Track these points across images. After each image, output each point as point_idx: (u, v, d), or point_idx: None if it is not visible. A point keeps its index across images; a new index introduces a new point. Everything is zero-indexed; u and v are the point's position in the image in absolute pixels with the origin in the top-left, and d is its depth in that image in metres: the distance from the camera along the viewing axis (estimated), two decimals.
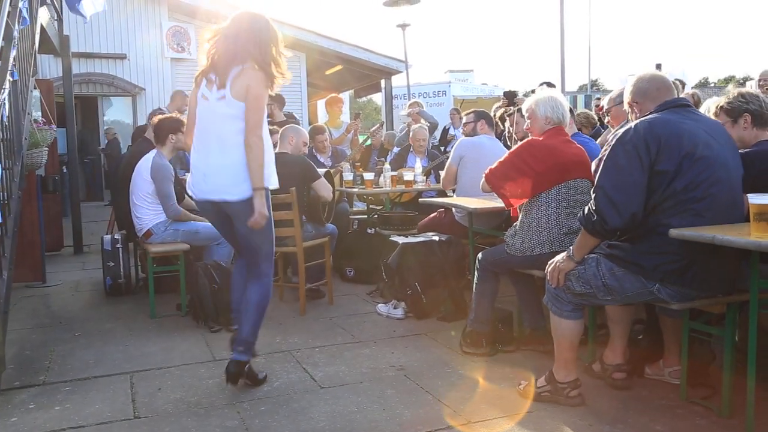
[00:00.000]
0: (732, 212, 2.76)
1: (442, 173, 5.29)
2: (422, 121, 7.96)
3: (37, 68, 6.94)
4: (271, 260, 3.45)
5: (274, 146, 4.96)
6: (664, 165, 2.69)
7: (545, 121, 3.64)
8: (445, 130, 12.16)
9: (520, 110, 5.34)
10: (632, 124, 2.81)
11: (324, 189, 4.88)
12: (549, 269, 3.05)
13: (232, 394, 3.30)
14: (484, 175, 3.78)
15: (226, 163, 3.22)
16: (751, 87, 5.81)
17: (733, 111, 3.16)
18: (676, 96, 2.96)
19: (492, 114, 6.85)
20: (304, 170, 4.86)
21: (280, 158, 4.84)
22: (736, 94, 3.19)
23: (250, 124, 3.17)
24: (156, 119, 5.33)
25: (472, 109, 5.55)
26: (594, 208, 2.78)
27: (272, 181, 3.30)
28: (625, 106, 3.11)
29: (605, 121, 4.79)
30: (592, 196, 2.82)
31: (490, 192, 3.87)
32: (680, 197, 2.68)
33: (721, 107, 3.21)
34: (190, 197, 3.68)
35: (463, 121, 5.47)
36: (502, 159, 3.72)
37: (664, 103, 2.88)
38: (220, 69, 3.21)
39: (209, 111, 3.26)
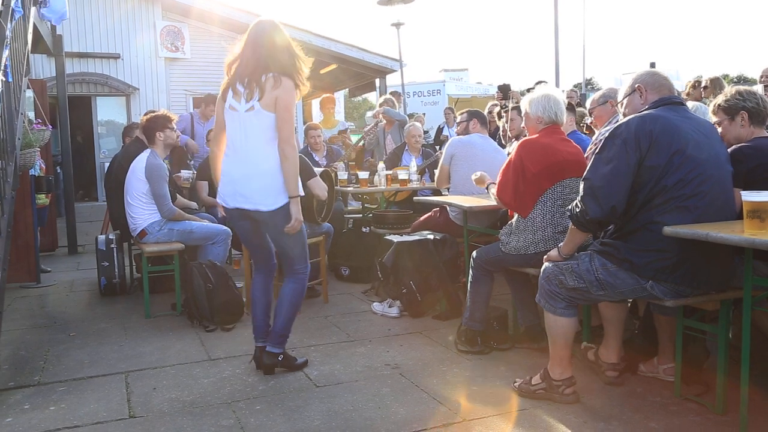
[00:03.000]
0: (723, 210, 2.78)
1: (437, 171, 5.29)
2: (395, 120, 7.91)
3: (30, 68, 6.92)
4: (305, 260, 3.58)
5: None
6: (654, 160, 2.71)
7: (537, 121, 3.64)
8: (440, 129, 12.16)
9: (515, 108, 5.36)
10: (625, 120, 2.83)
11: (318, 188, 4.87)
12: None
13: (228, 393, 3.30)
14: (497, 196, 3.75)
15: (258, 173, 3.29)
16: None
17: (730, 109, 3.18)
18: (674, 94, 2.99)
19: (487, 111, 6.88)
20: (300, 169, 4.85)
21: None
22: (733, 92, 3.21)
23: (283, 134, 3.24)
24: (143, 119, 5.32)
25: (466, 109, 5.55)
26: (579, 198, 2.84)
27: (300, 189, 3.38)
28: (627, 90, 3.07)
29: (590, 122, 4.78)
30: (580, 186, 2.86)
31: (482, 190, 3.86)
32: (671, 194, 2.70)
33: (719, 105, 3.23)
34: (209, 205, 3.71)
35: (457, 120, 5.46)
36: (502, 171, 3.70)
37: (659, 100, 2.91)
38: (247, 79, 3.27)
39: (239, 121, 3.31)
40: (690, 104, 3.70)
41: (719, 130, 3.20)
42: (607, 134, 2.86)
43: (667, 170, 2.70)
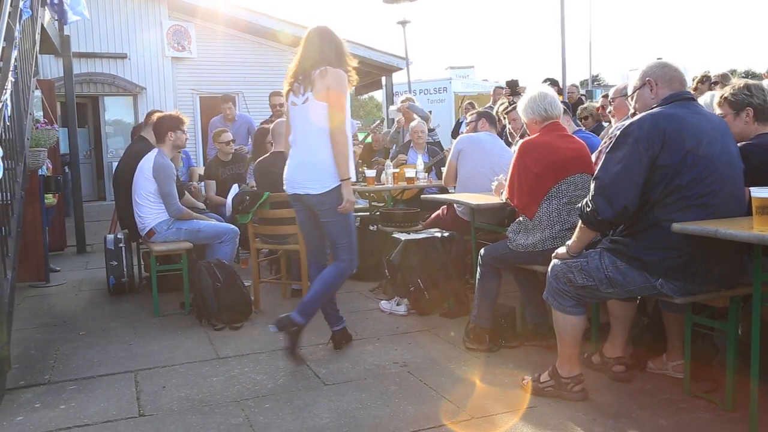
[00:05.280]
0: (736, 209, 2.75)
1: (444, 169, 5.29)
2: (414, 116, 7.94)
3: (38, 68, 6.95)
4: (351, 253, 3.79)
5: (269, 145, 5.00)
6: (667, 159, 2.68)
7: (533, 122, 3.67)
8: (458, 124, 12.15)
9: (513, 109, 5.37)
10: (637, 118, 2.79)
11: None
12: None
13: (237, 391, 3.31)
14: (507, 197, 3.75)
15: (310, 159, 3.64)
16: None
17: (736, 103, 3.11)
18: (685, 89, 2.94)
19: (495, 110, 6.87)
20: None
21: (280, 158, 4.86)
22: (742, 86, 3.13)
23: (335, 121, 3.56)
24: (155, 117, 5.33)
25: (476, 110, 5.58)
26: (590, 198, 2.81)
27: (353, 174, 3.71)
28: (636, 83, 3.00)
29: (608, 111, 4.76)
30: (591, 186, 2.83)
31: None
32: (684, 193, 2.68)
33: (725, 98, 3.16)
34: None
35: (467, 120, 5.49)
36: (509, 172, 3.70)
37: (670, 96, 2.85)
38: (302, 76, 3.64)
39: (298, 114, 3.69)
40: (703, 98, 3.65)
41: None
42: (618, 132, 2.83)
43: (680, 169, 2.67)
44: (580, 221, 2.92)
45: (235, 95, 13.53)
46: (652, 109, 2.84)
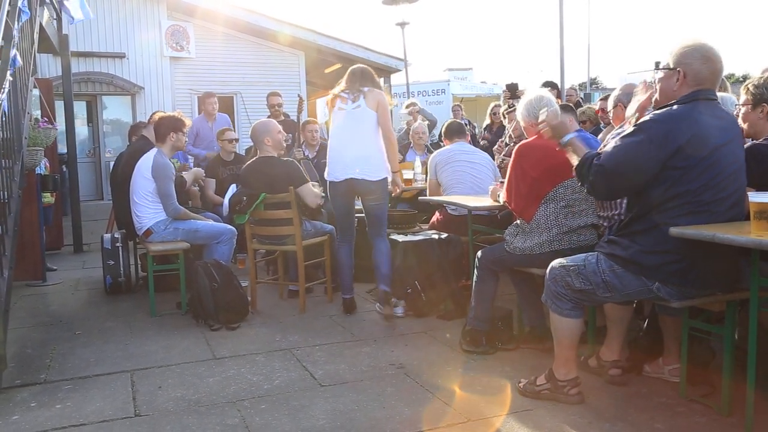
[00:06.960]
0: (738, 218, 2.72)
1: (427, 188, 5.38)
2: (420, 118, 8.01)
3: (36, 67, 6.94)
4: (386, 226, 4.73)
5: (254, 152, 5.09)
6: (680, 162, 2.61)
7: (530, 125, 3.67)
8: None
9: (513, 110, 5.41)
10: (656, 115, 2.69)
11: (309, 195, 4.85)
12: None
13: (233, 392, 3.30)
14: (506, 204, 3.75)
15: (367, 154, 4.47)
16: None
17: (755, 96, 3.04)
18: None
19: (491, 112, 6.92)
20: (290, 174, 4.81)
21: (267, 162, 4.85)
22: (766, 80, 3.03)
23: (387, 126, 4.57)
24: (157, 116, 5.33)
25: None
26: (591, 177, 2.75)
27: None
28: (671, 62, 2.76)
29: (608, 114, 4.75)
30: (595, 162, 2.75)
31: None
32: (689, 198, 2.63)
33: (748, 87, 3.08)
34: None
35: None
36: (507, 176, 3.70)
37: (692, 94, 2.70)
38: (348, 91, 4.56)
39: (347, 117, 4.54)
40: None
41: (742, 110, 3.10)
42: (624, 133, 2.78)
43: (691, 174, 2.62)
44: (576, 163, 2.90)
45: (232, 95, 13.58)
46: (671, 102, 2.73)
